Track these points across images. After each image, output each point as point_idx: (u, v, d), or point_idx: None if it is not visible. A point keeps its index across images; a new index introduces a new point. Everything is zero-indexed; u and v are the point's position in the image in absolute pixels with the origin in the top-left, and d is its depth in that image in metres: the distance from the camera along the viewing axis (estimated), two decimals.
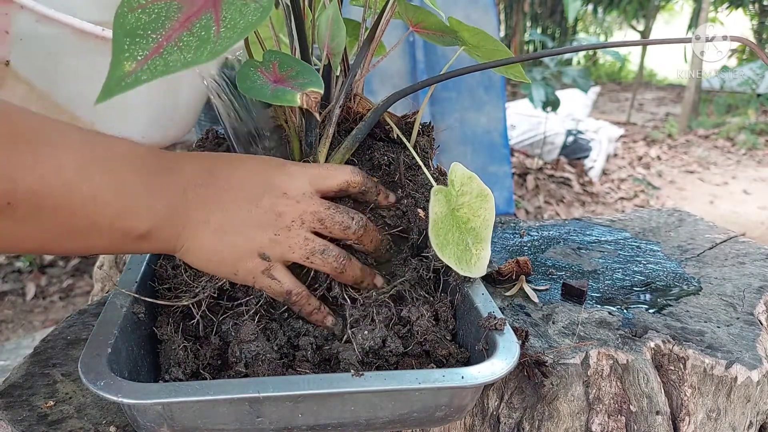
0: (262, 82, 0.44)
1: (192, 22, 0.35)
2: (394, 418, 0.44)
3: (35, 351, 0.58)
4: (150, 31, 0.34)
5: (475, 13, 2.50)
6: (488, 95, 2.61)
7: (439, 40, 0.60)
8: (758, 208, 3.38)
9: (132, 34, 0.34)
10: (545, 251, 0.79)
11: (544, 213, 3.13)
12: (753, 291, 0.68)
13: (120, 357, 0.44)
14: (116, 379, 0.40)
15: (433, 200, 0.50)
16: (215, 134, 0.60)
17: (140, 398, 0.39)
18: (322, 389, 0.41)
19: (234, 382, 0.41)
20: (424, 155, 0.58)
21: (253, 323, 0.49)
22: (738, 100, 5.29)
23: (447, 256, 0.50)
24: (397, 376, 0.43)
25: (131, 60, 0.33)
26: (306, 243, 0.48)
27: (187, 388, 0.40)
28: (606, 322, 0.60)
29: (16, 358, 1.67)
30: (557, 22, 6.37)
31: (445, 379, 0.42)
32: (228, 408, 0.41)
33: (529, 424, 0.53)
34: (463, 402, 0.45)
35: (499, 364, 0.44)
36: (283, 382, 0.42)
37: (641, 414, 0.55)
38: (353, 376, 0.42)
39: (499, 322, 0.48)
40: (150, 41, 0.34)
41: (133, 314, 0.49)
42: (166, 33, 0.34)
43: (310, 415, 0.42)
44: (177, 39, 0.34)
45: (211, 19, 0.35)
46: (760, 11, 6.06)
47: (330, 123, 0.53)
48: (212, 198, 0.46)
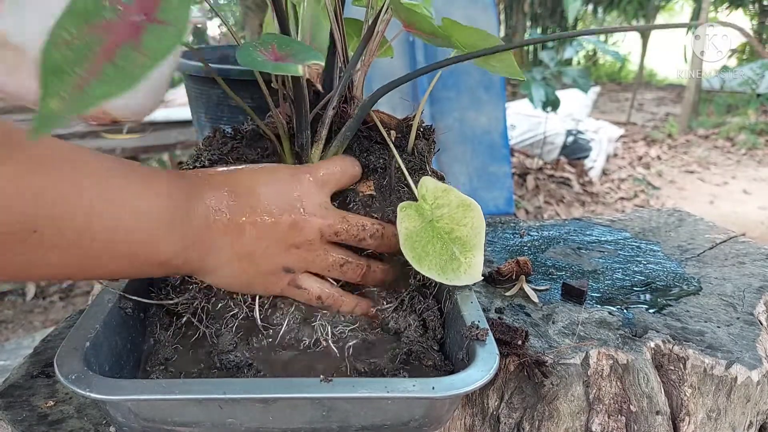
0: (263, 59, 0.44)
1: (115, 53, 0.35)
2: (366, 425, 0.43)
3: (35, 351, 0.58)
4: (75, 67, 0.34)
5: (474, 13, 2.50)
6: (488, 95, 2.61)
7: (433, 42, 0.60)
8: (758, 208, 3.38)
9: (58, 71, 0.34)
10: (545, 251, 0.79)
11: (544, 213, 3.13)
12: (753, 291, 0.68)
13: (100, 351, 0.44)
14: (88, 374, 0.40)
15: (400, 216, 0.50)
16: (223, 133, 0.60)
17: (108, 394, 0.39)
18: (288, 393, 0.40)
19: (201, 382, 0.41)
20: (421, 159, 0.58)
21: (231, 333, 0.49)
22: (738, 100, 5.29)
23: (426, 267, 0.49)
24: (365, 384, 0.41)
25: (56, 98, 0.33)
26: (327, 256, 0.50)
27: (155, 386, 0.40)
28: (606, 322, 0.60)
29: (16, 358, 1.67)
30: (557, 22, 6.37)
31: (415, 389, 0.40)
32: (198, 407, 0.40)
33: (529, 424, 0.53)
34: (438, 413, 0.44)
35: (475, 375, 0.42)
36: (250, 384, 0.41)
37: (641, 414, 0.55)
38: (321, 381, 0.41)
39: (482, 332, 0.46)
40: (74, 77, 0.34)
41: (119, 309, 0.48)
42: (90, 67, 0.34)
43: (282, 418, 0.42)
44: (100, 72, 0.34)
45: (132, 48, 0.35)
46: (760, 11, 6.06)
47: (323, 125, 0.53)
48: (234, 222, 0.46)
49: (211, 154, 0.57)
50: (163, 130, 1.88)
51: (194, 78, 0.87)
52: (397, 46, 2.42)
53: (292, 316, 0.52)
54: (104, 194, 0.40)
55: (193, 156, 0.58)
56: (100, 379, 0.40)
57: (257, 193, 0.48)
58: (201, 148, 0.59)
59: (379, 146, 0.57)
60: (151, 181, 0.43)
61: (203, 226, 0.45)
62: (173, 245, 0.43)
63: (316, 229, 0.49)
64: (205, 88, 0.86)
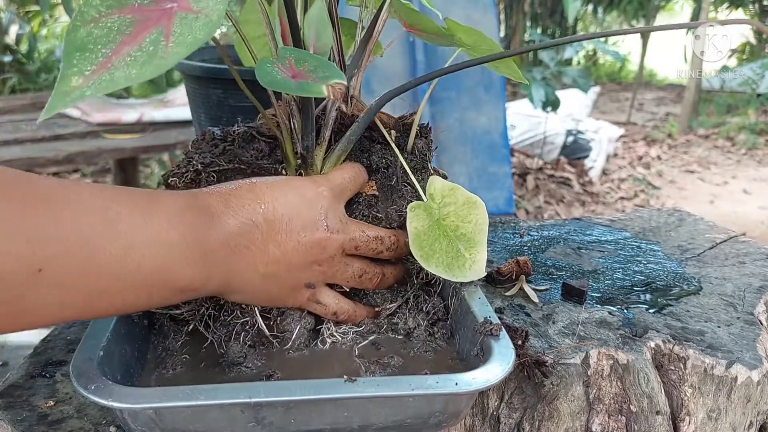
0: (282, 77, 0.43)
1: (142, 36, 0.35)
2: (387, 424, 0.43)
3: (35, 351, 0.58)
4: (100, 46, 0.34)
5: (474, 13, 2.50)
6: (488, 95, 2.60)
7: (435, 41, 0.60)
8: (758, 207, 3.38)
9: (82, 48, 0.34)
10: (545, 251, 0.79)
11: (544, 213, 3.13)
12: (753, 291, 0.68)
13: (112, 360, 0.44)
14: (107, 383, 0.39)
15: (410, 216, 0.51)
16: (212, 135, 0.59)
17: (131, 403, 0.38)
18: (314, 395, 0.40)
19: (225, 387, 0.41)
20: (422, 158, 0.58)
21: (238, 344, 0.49)
22: (738, 100, 5.28)
23: (434, 265, 0.50)
24: (390, 383, 0.42)
25: (78, 75, 0.33)
26: (347, 269, 0.51)
27: (178, 392, 0.39)
28: (606, 322, 0.60)
29: (16, 358, 1.67)
30: (557, 22, 6.36)
31: (438, 386, 0.42)
32: (220, 413, 0.40)
33: (529, 424, 0.53)
34: (458, 408, 0.45)
35: (494, 370, 0.43)
36: (275, 387, 0.42)
37: (641, 414, 0.55)
38: (346, 381, 0.41)
39: (495, 328, 0.47)
40: (99, 56, 0.34)
41: (127, 316, 0.48)
42: (116, 47, 0.34)
43: (303, 420, 0.42)
44: (126, 54, 0.34)
45: (162, 34, 0.35)
46: (760, 11, 6.06)
47: (326, 126, 0.53)
48: (256, 245, 0.46)
49: (203, 158, 0.56)
50: (163, 130, 1.88)
51: (194, 78, 0.87)
52: (397, 46, 2.42)
53: (305, 321, 0.52)
54: (105, 226, 0.38)
55: (185, 160, 0.57)
56: (121, 388, 0.39)
57: (279, 213, 0.47)
58: (191, 151, 0.58)
59: (380, 146, 0.57)
60: (158, 205, 0.42)
61: (225, 248, 0.44)
62: (191, 268, 0.42)
63: (338, 246, 0.49)
64: (205, 88, 0.86)
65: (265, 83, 0.42)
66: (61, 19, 4.37)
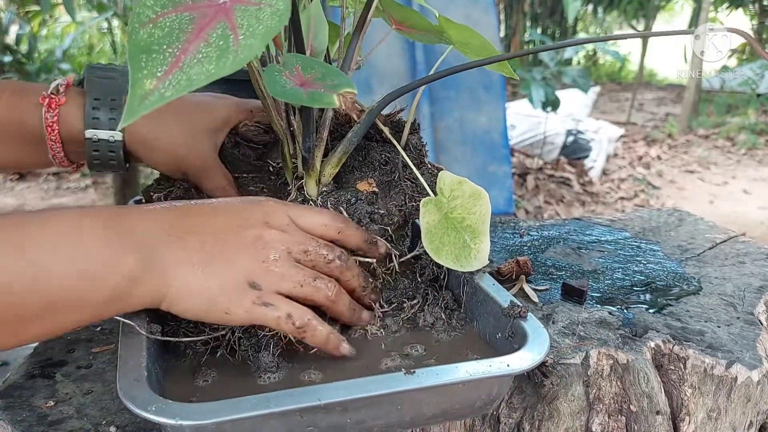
0: (291, 86, 0.42)
1: (207, 32, 0.34)
2: (437, 413, 0.44)
3: (35, 351, 0.58)
4: (165, 46, 0.33)
5: (475, 12, 2.50)
6: (488, 95, 2.61)
7: (424, 39, 0.60)
8: (758, 207, 3.38)
9: (147, 50, 0.33)
10: (545, 251, 0.79)
11: (544, 213, 3.13)
12: (753, 291, 0.68)
13: (152, 379, 0.43)
14: (168, 402, 0.39)
15: (423, 211, 0.52)
16: None
17: (199, 419, 0.38)
18: (378, 391, 0.40)
19: (291, 393, 0.40)
20: (418, 153, 0.59)
21: (268, 353, 0.47)
22: (738, 100, 5.29)
23: (444, 257, 0.51)
24: (447, 371, 0.43)
25: (151, 77, 0.32)
26: (297, 271, 0.46)
27: (247, 403, 0.38)
28: (606, 322, 0.60)
29: (16, 358, 1.67)
30: (557, 22, 6.37)
31: (492, 369, 0.43)
32: (279, 420, 0.40)
33: (529, 424, 0.53)
34: (502, 391, 0.47)
35: (538, 348, 0.45)
36: (336, 387, 0.41)
37: (641, 414, 0.55)
38: (405, 374, 0.41)
39: (522, 310, 0.48)
40: (167, 56, 0.33)
41: (151, 334, 0.47)
42: (182, 46, 0.33)
43: (358, 419, 0.42)
44: (195, 51, 0.33)
45: (227, 28, 0.34)
46: (760, 11, 6.06)
47: (324, 126, 0.53)
48: (191, 236, 0.45)
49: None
50: None
51: None
52: (397, 45, 2.42)
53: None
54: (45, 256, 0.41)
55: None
56: (183, 405, 0.38)
57: (216, 211, 0.47)
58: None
59: (376, 143, 0.57)
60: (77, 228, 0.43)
61: (154, 245, 0.44)
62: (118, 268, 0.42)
63: (283, 243, 0.46)
64: (204, 88, 0.85)
65: (275, 94, 0.41)
66: (61, 19, 4.37)
